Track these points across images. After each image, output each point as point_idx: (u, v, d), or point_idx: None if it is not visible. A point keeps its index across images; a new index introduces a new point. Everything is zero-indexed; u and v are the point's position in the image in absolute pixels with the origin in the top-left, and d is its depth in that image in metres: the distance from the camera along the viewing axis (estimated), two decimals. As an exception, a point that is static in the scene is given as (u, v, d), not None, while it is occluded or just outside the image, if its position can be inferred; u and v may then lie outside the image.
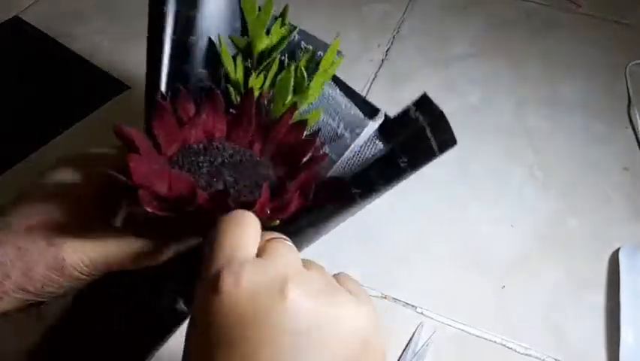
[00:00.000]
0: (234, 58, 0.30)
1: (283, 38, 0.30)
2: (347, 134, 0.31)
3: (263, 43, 0.29)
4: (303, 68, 0.29)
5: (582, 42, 0.65)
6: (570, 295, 0.43)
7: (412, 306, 0.42)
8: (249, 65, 0.30)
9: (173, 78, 0.30)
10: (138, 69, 0.60)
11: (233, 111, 0.27)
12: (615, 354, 0.39)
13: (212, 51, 0.30)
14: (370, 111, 0.33)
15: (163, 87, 0.30)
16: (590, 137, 0.54)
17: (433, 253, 0.45)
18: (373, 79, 0.60)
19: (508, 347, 0.40)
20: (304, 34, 0.33)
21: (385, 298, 0.43)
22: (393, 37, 0.65)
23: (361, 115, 0.32)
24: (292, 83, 0.28)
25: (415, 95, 0.52)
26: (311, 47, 0.31)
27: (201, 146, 0.27)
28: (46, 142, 0.52)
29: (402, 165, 0.28)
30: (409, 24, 0.67)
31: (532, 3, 0.70)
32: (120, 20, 0.67)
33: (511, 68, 0.61)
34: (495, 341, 0.40)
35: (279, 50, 0.30)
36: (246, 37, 0.29)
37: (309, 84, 0.29)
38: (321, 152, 0.28)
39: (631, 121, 0.56)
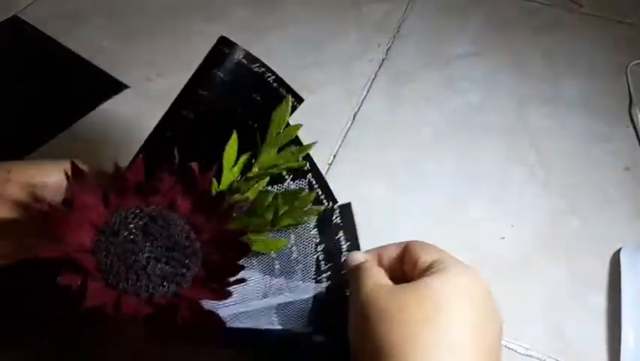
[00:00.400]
0: (242, 153, 0.31)
1: (287, 163, 0.31)
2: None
3: (268, 159, 0.31)
4: (280, 202, 0.29)
5: (583, 41, 0.64)
6: (571, 296, 0.42)
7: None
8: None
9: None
10: (138, 68, 0.60)
11: (207, 195, 0.28)
12: (616, 354, 0.38)
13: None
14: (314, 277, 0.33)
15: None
16: (591, 136, 0.54)
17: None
18: (374, 79, 0.60)
19: (508, 348, 0.40)
20: (318, 176, 0.35)
21: (385, 298, 0.42)
22: (394, 37, 0.65)
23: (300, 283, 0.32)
24: (266, 205, 0.29)
25: (415, 94, 0.53)
26: (317, 191, 0.33)
27: (153, 214, 0.26)
28: (45, 142, 0.52)
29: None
30: (409, 23, 0.67)
31: (533, 2, 0.70)
32: (120, 20, 0.66)
33: (513, 68, 0.61)
34: (495, 342, 0.40)
35: (276, 172, 0.31)
36: (260, 140, 0.31)
37: (281, 216, 0.30)
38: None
39: (632, 120, 0.56)
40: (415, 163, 0.52)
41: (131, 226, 0.26)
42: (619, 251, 0.44)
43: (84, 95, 0.57)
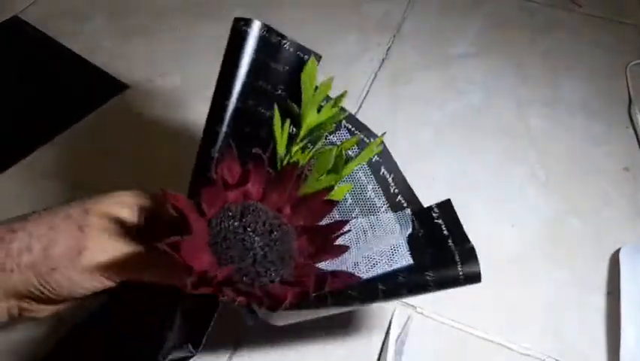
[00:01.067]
0: (283, 123, 0.32)
1: (331, 118, 0.31)
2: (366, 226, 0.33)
3: (312, 120, 0.31)
4: (344, 151, 0.30)
5: (583, 42, 0.64)
6: (571, 295, 0.43)
7: (412, 306, 0.42)
8: (295, 133, 0.32)
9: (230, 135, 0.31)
10: (138, 68, 0.60)
11: (272, 173, 0.29)
12: (616, 354, 0.38)
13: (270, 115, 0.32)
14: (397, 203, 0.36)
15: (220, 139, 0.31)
16: (590, 137, 0.54)
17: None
18: (374, 78, 0.60)
19: (508, 348, 0.40)
20: (352, 119, 0.35)
21: (385, 298, 0.42)
22: (394, 37, 0.65)
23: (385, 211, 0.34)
24: (332, 162, 0.30)
25: (415, 94, 0.53)
26: (357, 133, 0.33)
27: (238, 209, 0.27)
28: (46, 142, 0.52)
29: (429, 282, 0.31)
30: (409, 23, 0.67)
31: (533, 3, 0.70)
32: (120, 20, 0.67)
33: (512, 68, 0.61)
34: (495, 342, 0.40)
35: (325, 130, 0.32)
36: (299, 108, 0.31)
37: (345, 166, 0.31)
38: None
39: (631, 121, 0.56)
40: (414, 163, 0.52)
41: (232, 227, 0.27)
42: (618, 251, 0.44)
43: (85, 95, 0.57)
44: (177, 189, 0.27)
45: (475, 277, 0.31)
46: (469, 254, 0.32)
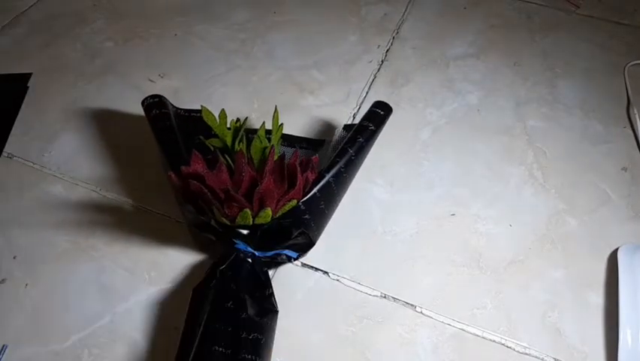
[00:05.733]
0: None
1: (237, 129, 0.45)
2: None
3: (229, 136, 0.45)
4: (261, 136, 0.44)
5: (581, 42, 0.65)
6: (569, 295, 0.43)
7: (412, 306, 0.42)
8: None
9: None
10: (140, 69, 0.60)
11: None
12: (614, 352, 0.39)
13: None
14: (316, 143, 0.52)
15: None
16: (588, 136, 0.55)
17: (433, 253, 0.45)
18: (373, 80, 0.60)
19: (507, 346, 0.40)
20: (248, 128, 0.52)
21: (385, 297, 0.43)
22: (393, 39, 0.65)
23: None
24: (260, 144, 0.44)
25: (415, 95, 0.53)
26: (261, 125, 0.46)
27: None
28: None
29: (369, 128, 0.47)
30: (408, 25, 0.67)
31: (531, 4, 0.70)
32: (121, 21, 0.67)
33: (511, 68, 0.62)
34: (494, 341, 0.40)
35: (239, 135, 0.45)
36: (217, 139, 0.45)
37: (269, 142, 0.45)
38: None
39: (630, 121, 0.56)
40: (414, 163, 0.52)
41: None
42: (616, 250, 0.45)
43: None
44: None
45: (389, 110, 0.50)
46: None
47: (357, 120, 0.56)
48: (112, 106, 0.56)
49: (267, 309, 0.39)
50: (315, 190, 0.42)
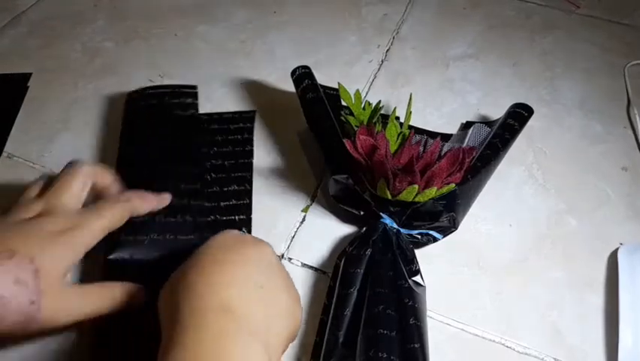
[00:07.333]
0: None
1: (375, 110, 0.47)
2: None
3: (366, 116, 0.47)
4: (393, 121, 0.46)
5: (581, 42, 0.65)
6: (569, 295, 0.43)
7: (412, 305, 0.42)
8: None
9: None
10: (140, 70, 0.61)
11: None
12: (614, 353, 0.39)
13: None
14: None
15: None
16: (589, 137, 0.55)
17: (432, 253, 0.45)
18: (373, 80, 0.60)
19: (507, 346, 0.40)
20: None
21: (385, 297, 0.43)
22: (393, 38, 0.65)
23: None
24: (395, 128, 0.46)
25: (415, 95, 0.53)
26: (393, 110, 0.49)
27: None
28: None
29: (515, 127, 0.50)
30: (408, 25, 0.67)
31: (530, 3, 0.70)
32: (121, 21, 0.67)
33: (510, 69, 0.62)
34: (494, 341, 0.40)
35: (376, 117, 0.47)
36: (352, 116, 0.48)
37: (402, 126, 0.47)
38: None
39: (630, 121, 0.56)
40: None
41: None
42: (616, 251, 0.45)
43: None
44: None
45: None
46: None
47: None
48: (112, 106, 0.56)
49: (417, 283, 0.40)
50: (469, 177, 0.45)
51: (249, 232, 0.45)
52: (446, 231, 0.44)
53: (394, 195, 0.41)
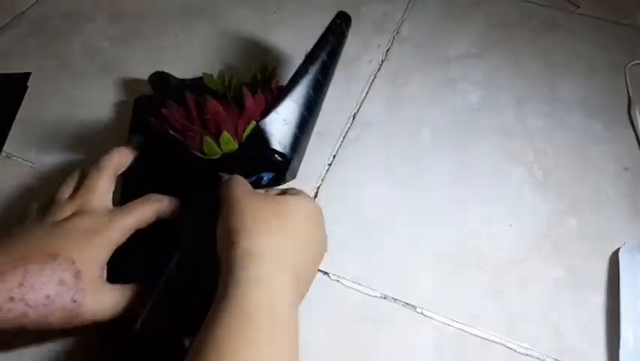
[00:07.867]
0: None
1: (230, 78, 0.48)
2: None
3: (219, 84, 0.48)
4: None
5: (581, 42, 0.65)
6: (570, 295, 0.43)
7: (412, 306, 0.42)
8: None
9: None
10: (139, 68, 0.60)
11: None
12: (615, 354, 0.39)
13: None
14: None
15: None
16: (589, 136, 0.55)
17: (432, 253, 0.45)
18: (373, 80, 0.60)
19: (508, 347, 0.40)
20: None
21: (385, 298, 0.43)
22: (393, 38, 0.65)
23: None
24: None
25: (415, 95, 0.53)
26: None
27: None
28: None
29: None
30: (408, 25, 0.67)
31: (531, 3, 0.70)
32: (121, 20, 0.67)
33: (511, 68, 0.62)
34: (495, 341, 0.40)
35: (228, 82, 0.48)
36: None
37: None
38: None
39: (631, 121, 0.56)
40: (414, 163, 0.52)
41: None
42: (617, 251, 0.44)
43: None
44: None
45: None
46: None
47: (356, 120, 0.56)
48: (112, 106, 0.56)
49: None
50: (276, 110, 0.43)
51: None
52: (281, 167, 0.43)
53: (203, 153, 0.40)
